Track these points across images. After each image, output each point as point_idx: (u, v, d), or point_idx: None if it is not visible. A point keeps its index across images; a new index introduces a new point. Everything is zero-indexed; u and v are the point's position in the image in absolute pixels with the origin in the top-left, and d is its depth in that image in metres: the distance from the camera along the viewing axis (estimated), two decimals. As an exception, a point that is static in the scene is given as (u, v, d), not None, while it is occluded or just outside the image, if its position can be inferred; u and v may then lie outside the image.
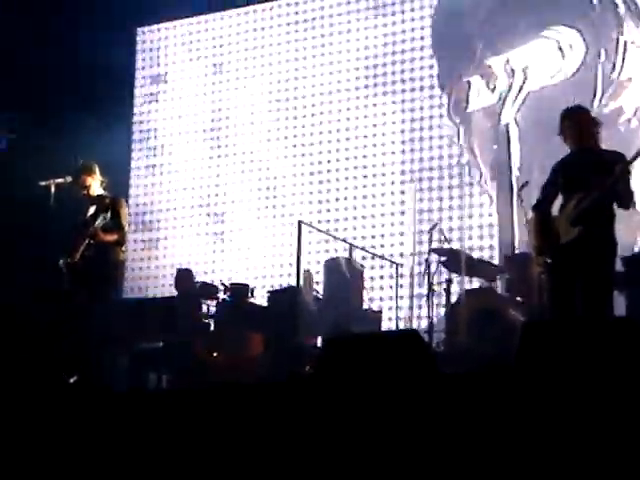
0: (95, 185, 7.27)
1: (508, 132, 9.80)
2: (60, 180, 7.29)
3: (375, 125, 10.70)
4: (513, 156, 9.53)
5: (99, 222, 6.98)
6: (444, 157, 10.25)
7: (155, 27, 12.23)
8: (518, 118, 9.88)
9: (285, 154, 11.14)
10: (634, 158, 5.67)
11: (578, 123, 5.94)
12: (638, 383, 3.95)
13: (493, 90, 10.07)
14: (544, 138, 8.03)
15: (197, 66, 11.94)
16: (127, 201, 11.18)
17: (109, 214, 7.05)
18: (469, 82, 10.26)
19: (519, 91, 9.91)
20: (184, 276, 9.41)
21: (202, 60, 11.91)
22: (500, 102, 10.01)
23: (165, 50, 12.16)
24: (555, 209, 6.03)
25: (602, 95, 9.34)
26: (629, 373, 4.05)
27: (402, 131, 10.54)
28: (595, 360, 4.25)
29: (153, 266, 11.61)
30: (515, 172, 9.42)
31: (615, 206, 5.76)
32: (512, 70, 10.00)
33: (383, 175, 10.54)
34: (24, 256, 9.08)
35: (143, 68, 12.23)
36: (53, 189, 7.22)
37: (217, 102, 11.75)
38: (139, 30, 12.26)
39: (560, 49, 9.76)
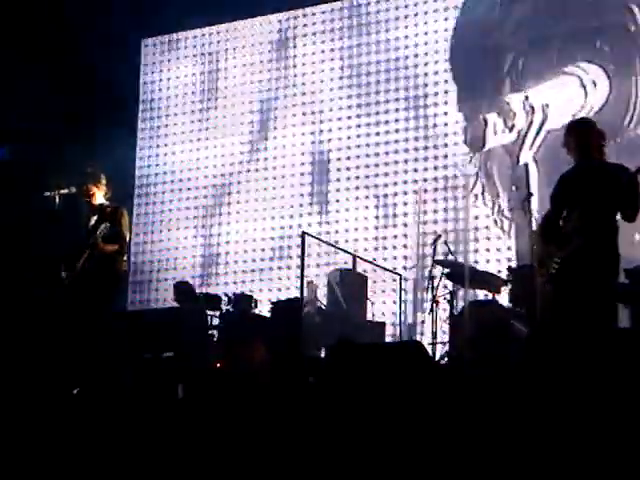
0: (99, 195, 7.25)
1: (528, 172, 9.35)
2: (65, 191, 7.28)
3: (378, 133, 10.74)
4: (533, 198, 9.14)
5: (100, 232, 6.95)
6: (448, 167, 10.27)
7: (159, 39, 12.31)
8: (538, 158, 9.56)
9: (291, 164, 11.17)
10: (638, 171, 5.66)
11: (583, 136, 5.94)
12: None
13: (511, 129, 9.73)
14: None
15: (200, 78, 12.00)
16: (130, 211, 11.32)
17: (110, 223, 7.02)
18: (486, 119, 9.96)
19: (539, 130, 9.58)
20: (183, 289, 9.43)
21: (205, 72, 11.97)
22: (519, 141, 9.68)
23: (168, 62, 12.23)
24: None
25: (630, 121, 9.03)
26: (633, 382, 4.06)
27: (406, 139, 10.57)
28: (599, 370, 4.26)
29: (155, 277, 11.65)
30: (535, 215, 8.92)
31: (619, 217, 5.77)
32: (531, 107, 9.69)
33: (385, 186, 10.57)
34: (30, 266, 9.11)
35: (146, 81, 12.29)
36: (57, 200, 7.22)
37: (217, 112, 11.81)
38: (143, 42, 12.34)
39: (583, 86, 9.44)
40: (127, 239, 7.23)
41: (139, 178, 12.06)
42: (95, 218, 7.17)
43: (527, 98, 9.74)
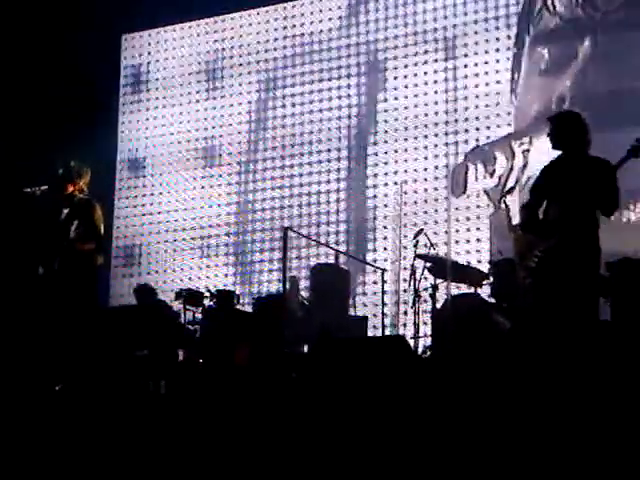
0: (76, 191, 7.13)
1: (510, 218, 9.10)
2: (45, 187, 7.23)
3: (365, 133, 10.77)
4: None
5: (74, 229, 6.87)
6: (429, 158, 10.29)
7: (139, 34, 12.27)
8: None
9: (272, 160, 11.17)
10: (619, 164, 5.69)
11: (567, 127, 5.94)
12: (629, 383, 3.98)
13: (492, 174, 9.63)
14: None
15: (182, 73, 11.97)
16: (111, 205, 11.30)
17: (82, 219, 6.93)
18: (467, 165, 9.88)
19: (519, 176, 9.43)
20: (144, 291, 9.44)
21: (186, 67, 11.95)
22: (500, 187, 9.54)
23: (149, 57, 12.19)
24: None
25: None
26: (615, 375, 4.08)
27: (385, 141, 10.61)
28: (581, 363, 4.28)
29: (137, 271, 11.62)
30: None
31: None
32: (512, 153, 9.58)
33: (367, 179, 10.60)
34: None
35: (127, 75, 12.25)
36: (38, 194, 7.15)
37: (202, 111, 11.79)
38: (124, 37, 12.29)
39: None
40: (102, 232, 7.12)
41: (120, 172, 12.02)
42: (66, 212, 7.06)
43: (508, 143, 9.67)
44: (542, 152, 6.50)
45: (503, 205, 9.40)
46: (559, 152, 5.96)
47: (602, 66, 9.25)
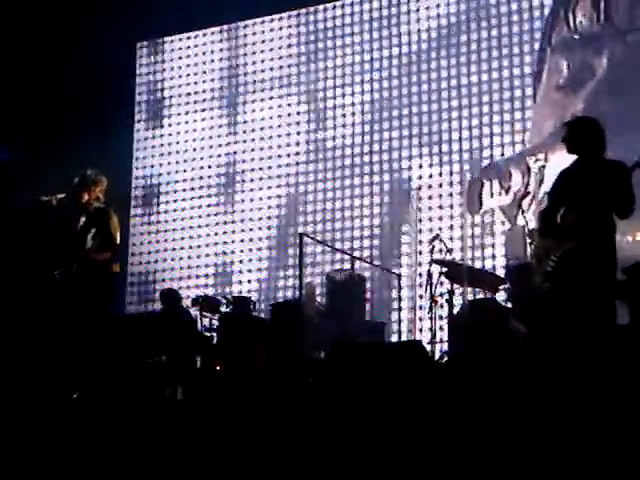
0: (92, 199, 7.16)
1: (525, 236, 8.68)
2: (61, 195, 7.26)
3: (377, 133, 10.77)
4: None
5: (90, 238, 6.90)
6: (444, 164, 10.28)
7: (155, 42, 12.32)
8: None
9: (290, 165, 11.19)
10: (634, 167, 5.68)
11: (583, 132, 5.93)
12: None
13: (507, 190, 9.53)
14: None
15: (197, 80, 12.01)
16: (128, 214, 11.34)
17: (98, 227, 6.96)
18: (482, 182, 9.81)
19: (535, 192, 9.33)
20: (169, 295, 9.46)
21: (200, 75, 11.99)
22: (515, 203, 9.39)
23: (163, 65, 12.23)
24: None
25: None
26: (633, 379, 4.06)
27: (401, 141, 10.60)
28: (598, 368, 4.26)
29: (152, 278, 11.65)
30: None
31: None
32: (527, 169, 9.49)
33: (381, 184, 10.59)
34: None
35: (143, 83, 12.30)
36: (54, 203, 7.19)
37: (217, 118, 11.84)
38: (139, 45, 12.34)
39: None
40: (117, 241, 7.15)
41: (136, 180, 12.05)
42: (83, 219, 7.11)
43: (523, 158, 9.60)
44: (558, 167, 6.47)
45: (520, 221, 9.27)
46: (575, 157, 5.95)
47: (614, 89, 9.20)
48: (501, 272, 8.82)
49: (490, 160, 9.99)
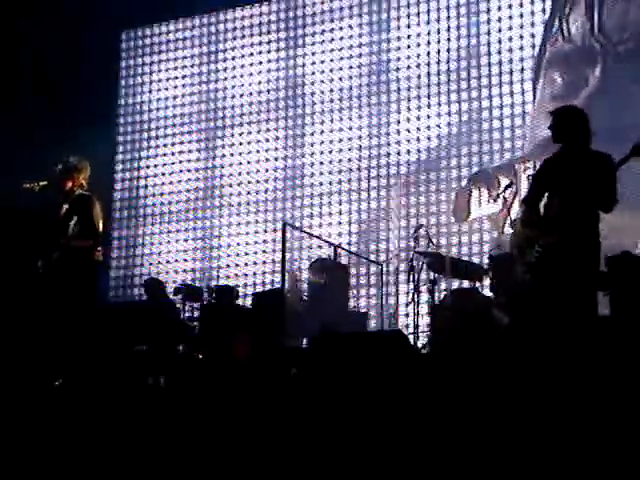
0: (76, 186, 7.11)
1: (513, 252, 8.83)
2: (44, 182, 7.22)
3: (361, 127, 10.77)
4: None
5: (72, 226, 6.86)
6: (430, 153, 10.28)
7: (139, 30, 12.27)
8: None
9: (273, 155, 11.17)
10: (620, 163, 5.68)
11: (569, 121, 5.93)
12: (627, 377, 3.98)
13: (496, 198, 9.29)
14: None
15: (180, 68, 11.98)
16: (111, 197, 11.30)
17: (80, 214, 6.91)
18: (470, 189, 9.79)
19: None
20: (153, 285, 9.44)
21: (184, 61, 11.96)
22: (505, 210, 9.06)
23: (148, 52, 12.20)
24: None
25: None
26: (615, 370, 4.08)
27: (387, 134, 10.61)
28: (580, 358, 4.28)
29: (136, 269, 11.63)
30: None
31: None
32: (516, 177, 9.46)
33: (367, 174, 10.60)
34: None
35: (126, 70, 12.26)
36: (37, 190, 7.15)
37: (202, 103, 11.81)
38: (123, 33, 12.29)
39: None
40: (100, 229, 7.09)
41: (122, 172, 12.03)
42: (66, 207, 7.05)
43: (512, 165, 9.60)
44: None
45: (508, 230, 9.24)
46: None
47: (605, 100, 9.21)
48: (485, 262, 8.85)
49: (479, 167, 10.00)
